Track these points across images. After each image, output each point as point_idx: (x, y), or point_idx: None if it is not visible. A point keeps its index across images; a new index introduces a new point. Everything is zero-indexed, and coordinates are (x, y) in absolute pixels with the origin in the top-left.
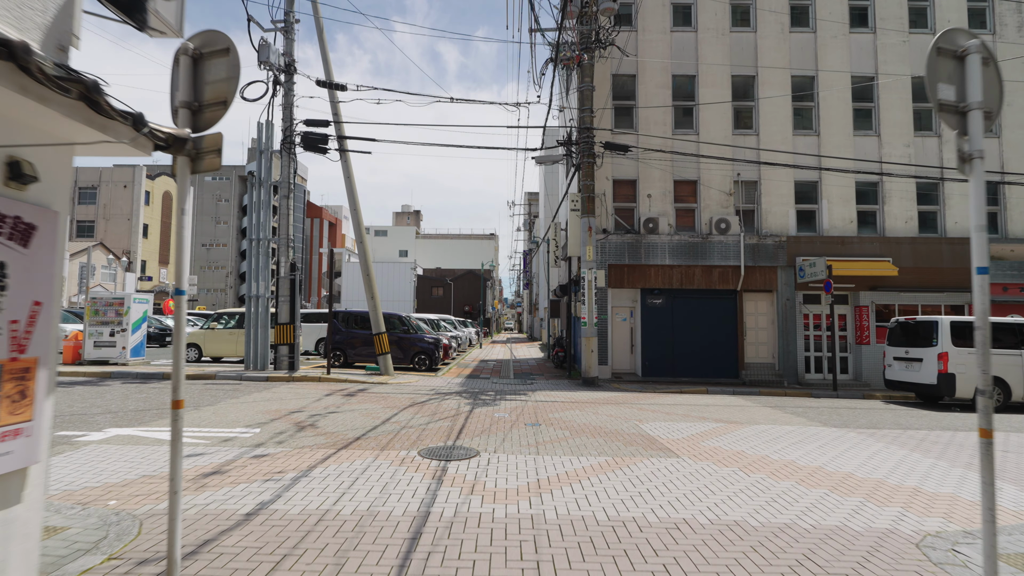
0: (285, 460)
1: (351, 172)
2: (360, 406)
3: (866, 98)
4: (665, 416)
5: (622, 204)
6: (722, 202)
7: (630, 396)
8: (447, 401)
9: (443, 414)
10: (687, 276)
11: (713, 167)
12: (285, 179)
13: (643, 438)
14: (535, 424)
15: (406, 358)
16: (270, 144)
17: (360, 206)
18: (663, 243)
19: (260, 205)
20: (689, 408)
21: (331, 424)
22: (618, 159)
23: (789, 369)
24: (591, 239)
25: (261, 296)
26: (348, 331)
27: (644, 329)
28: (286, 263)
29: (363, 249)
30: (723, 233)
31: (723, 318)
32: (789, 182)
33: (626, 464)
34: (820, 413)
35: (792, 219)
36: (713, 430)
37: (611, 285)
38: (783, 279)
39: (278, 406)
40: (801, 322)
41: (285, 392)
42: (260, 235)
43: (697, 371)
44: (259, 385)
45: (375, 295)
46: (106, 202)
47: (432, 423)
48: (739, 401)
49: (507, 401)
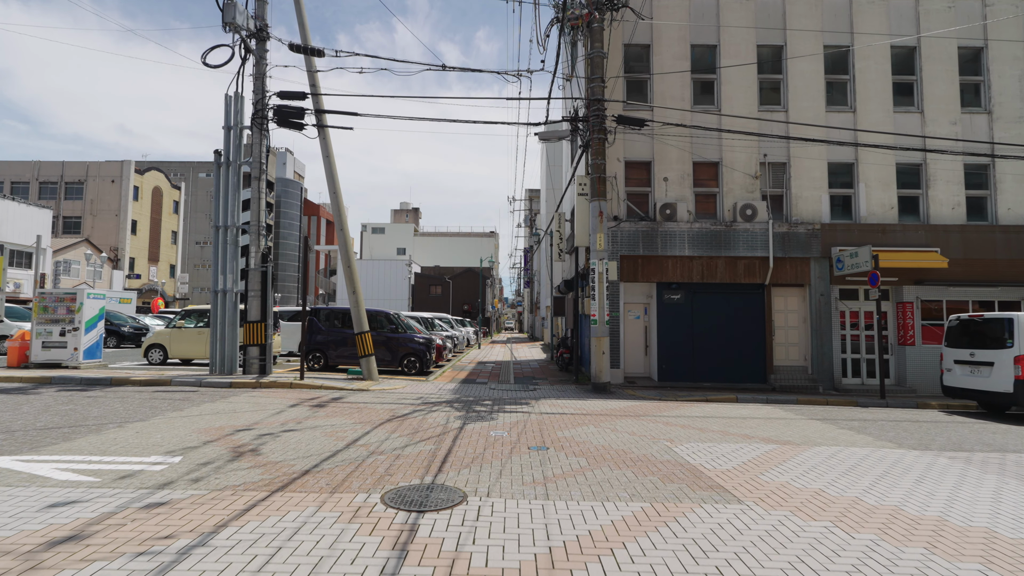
0: (188, 512)
1: (331, 151)
2: (327, 421)
3: (907, 70)
4: (699, 434)
5: (635, 189)
6: (747, 186)
7: (649, 406)
8: (434, 414)
9: (427, 432)
10: (708, 268)
11: (737, 147)
12: (256, 158)
13: (683, 468)
14: (541, 448)
15: (394, 360)
16: (240, 119)
17: (340, 188)
18: (682, 231)
19: (228, 188)
20: (724, 423)
21: (279, 449)
22: (631, 139)
23: (824, 373)
24: (602, 225)
25: (229, 291)
26: (330, 330)
27: (660, 328)
28: (257, 253)
29: (343, 238)
30: (749, 220)
31: (749, 315)
32: (822, 164)
33: (673, 515)
34: (882, 429)
35: (825, 205)
36: (766, 455)
37: (623, 279)
38: (816, 272)
39: (225, 422)
40: (837, 320)
41: (244, 402)
42: (228, 222)
43: (720, 375)
44: (218, 393)
45: (357, 289)
46: (93, 197)
47: (411, 446)
48: (778, 412)
49: (506, 414)
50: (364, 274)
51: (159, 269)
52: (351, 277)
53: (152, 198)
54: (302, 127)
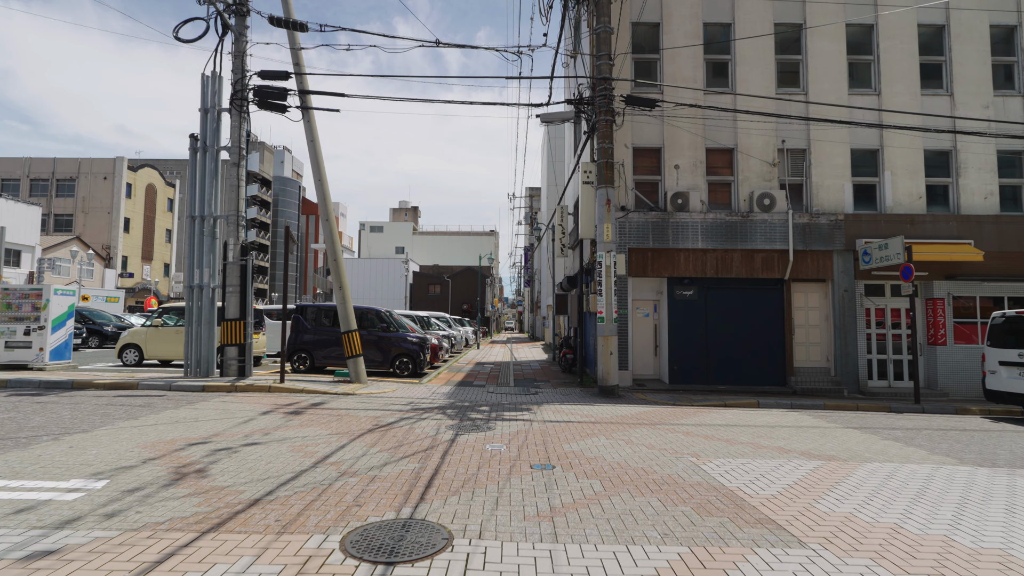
0: (75, 570)
1: (316, 135)
2: (298, 432)
3: (936, 50)
4: (727, 447)
5: (644, 177)
6: (764, 174)
7: (664, 412)
8: (424, 422)
9: (412, 446)
10: (723, 262)
11: (753, 132)
12: (236, 143)
13: (719, 494)
14: (546, 466)
15: (385, 361)
16: (218, 100)
17: (327, 175)
18: (694, 222)
19: (205, 175)
20: (752, 433)
21: (232, 469)
22: (640, 123)
23: (848, 375)
24: (609, 215)
25: (205, 286)
26: (316, 329)
27: (672, 326)
28: (236, 245)
29: (329, 228)
30: (766, 211)
31: (767, 313)
32: (844, 150)
33: (722, 566)
34: (930, 440)
35: (848, 194)
36: (813, 475)
37: (631, 273)
38: (840, 266)
39: (180, 433)
40: (862, 318)
41: (211, 409)
42: (205, 211)
43: (736, 377)
44: (186, 398)
45: (344, 284)
46: (85, 195)
47: (391, 464)
48: (808, 420)
49: (505, 422)
50: (359, 273)
51: (153, 268)
52: (337, 271)
53: (146, 195)
54: (285, 109)
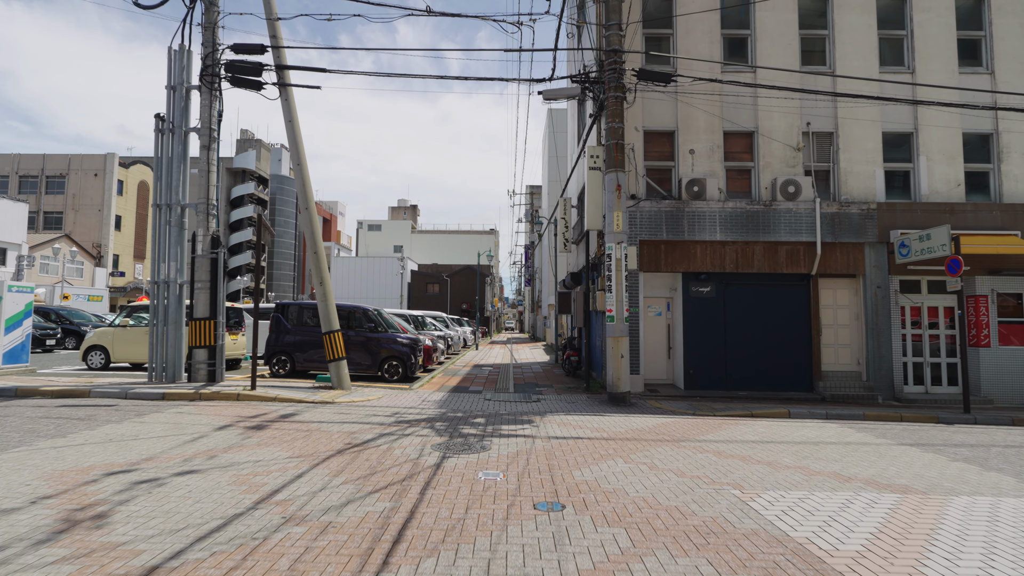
0: None
1: (294, 114)
2: (251, 455)
3: (974, 24)
4: (771, 473)
5: (656, 163)
6: (787, 159)
7: (685, 425)
8: (406, 440)
9: (386, 475)
10: (744, 256)
11: (775, 114)
12: (206, 123)
13: (785, 550)
14: (554, 506)
15: (374, 364)
16: (186, 77)
17: (306, 159)
18: (712, 212)
19: (172, 159)
20: (795, 452)
21: (143, 513)
22: (651, 103)
23: (882, 380)
24: (619, 202)
25: (172, 282)
26: (298, 329)
27: (687, 326)
28: (206, 237)
29: (309, 218)
30: (791, 199)
31: (792, 311)
32: (875, 133)
33: None
34: (1007, 460)
35: (879, 181)
36: (894, 515)
37: (642, 268)
38: (872, 259)
39: (104, 457)
40: (897, 317)
41: (161, 422)
42: (171, 199)
43: (758, 382)
44: (138, 408)
45: (325, 280)
46: (75, 192)
47: (353, 504)
48: (852, 434)
49: (503, 438)
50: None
51: (145, 266)
52: (318, 265)
53: (138, 193)
54: (260, 86)
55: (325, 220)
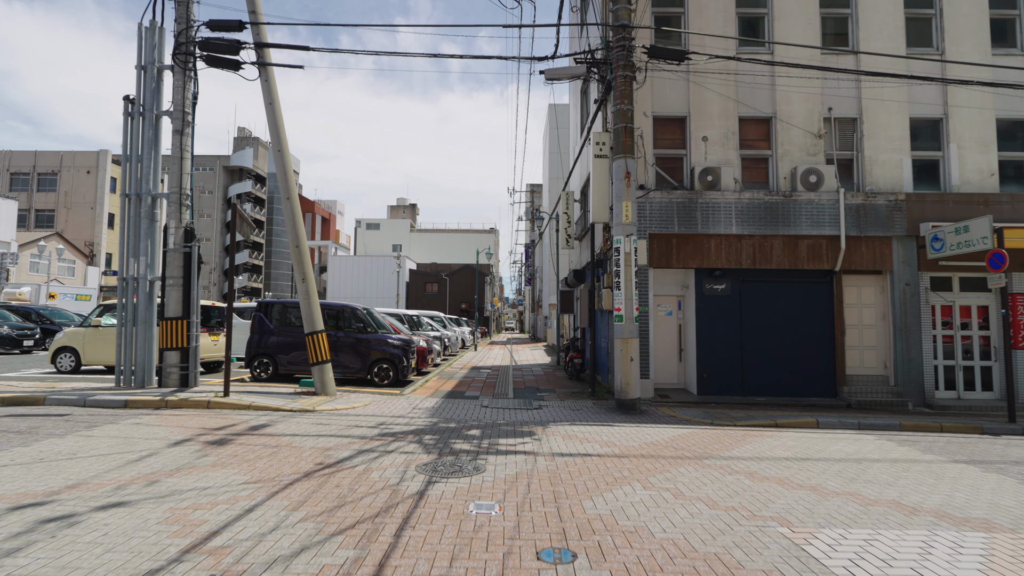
0: None
1: (275, 96)
2: (199, 481)
3: (1007, 2)
4: (819, 501)
5: (666, 151)
6: (808, 147)
7: (705, 437)
8: (388, 459)
9: (356, 508)
10: (762, 250)
11: (795, 98)
12: (179, 106)
13: None
14: (562, 553)
15: (363, 367)
16: (158, 55)
17: (287, 143)
18: (727, 203)
19: (142, 145)
20: (837, 472)
21: (25, 574)
22: (661, 86)
23: (912, 385)
24: (629, 191)
25: (142, 279)
26: (282, 330)
27: (700, 326)
28: (179, 229)
29: (291, 208)
30: (812, 189)
31: (814, 310)
32: (902, 119)
33: None
34: None
35: (907, 170)
36: (992, 562)
37: (652, 264)
38: (900, 254)
39: (22, 484)
40: (927, 316)
41: (108, 438)
42: (141, 189)
43: (776, 387)
44: (91, 419)
45: (307, 276)
46: (67, 189)
47: (308, 552)
48: (895, 448)
49: (500, 456)
50: (352, 271)
51: None
52: (300, 260)
53: None
54: (238, 66)
55: (324, 219)
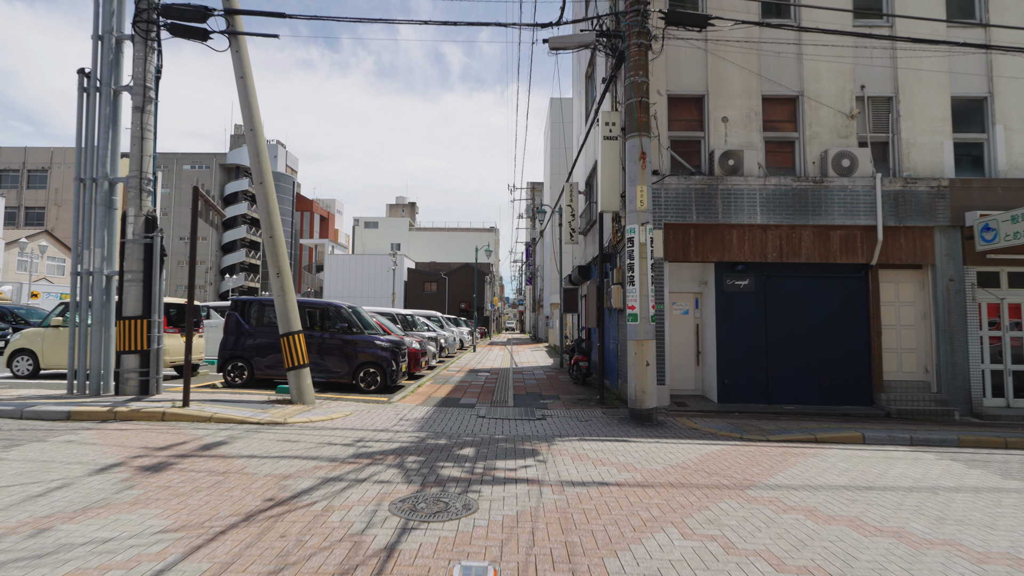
0: None
1: (247, 68)
2: (107, 525)
3: None
4: (917, 558)
5: (681, 134)
6: (839, 128)
7: (739, 456)
8: (354, 493)
9: (301, 570)
10: (789, 242)
11: (824, 75)
12: (140, 80)
13: None
14: None
15: (349, 371)
16: (117, 23)
17: (261, 122)
18: (751, 190)
19: (98, 122)
20: (913, 508)
21: None
22: (677, 60)
23: (957, 391)
24: (644, 173)
25: (98, 273)
26: (259, 330)
27: (721, 327)
28: (138, 217)
29: (264, 193)
30: (845, 174)
31: (846, 309)
32: (943, 98)
33: None
34: None
35: (948, 154)
36: None
37: (667, 257)
38: (943, 246)
39: None
40: (973, 315)
41: (25, 461)
42: (97, 172)
43: (806, 394)
44: (20, 434)
45: (282, 270)
46: (58, 186)
47: None
48: (966, 472)
49: (497, 486)
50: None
51: None
52: (274, 251)
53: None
54: (206, 35)
55: (322, 218)
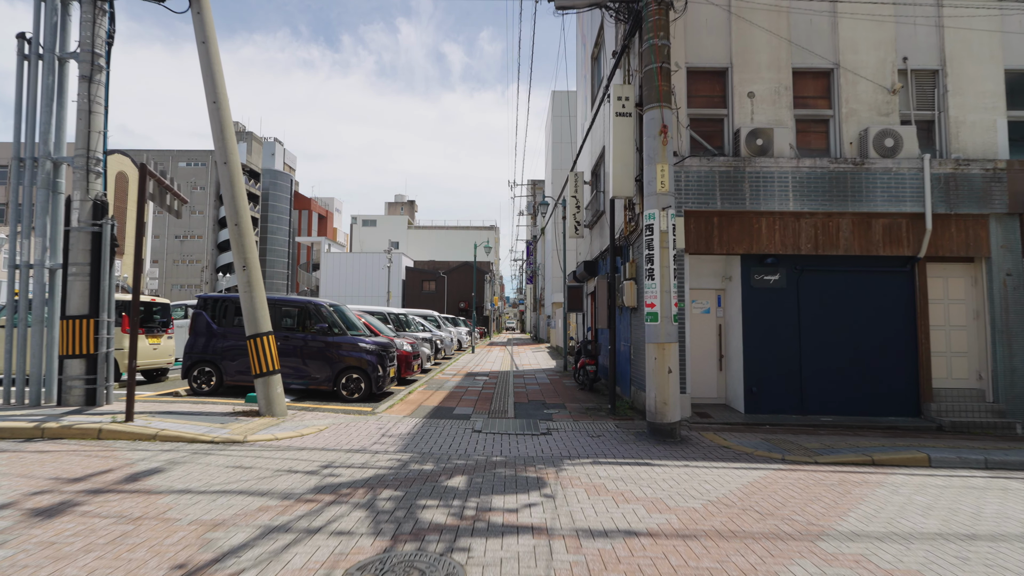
0: None
1: (209, 33)
2: None
3: None
4: None
5: (702, 111)
6: (879, 105)
7: (788, 485)
8: (299, 554)
9: None
10: (825, 232)
11: (862, 46)
12: (87, 46)
13: None
14: None
15: (331, 377)
16: None
17: (226, 95)
18: (782, 173)
19: (40, 94)
20: None
21: None
22: (697, 31)
23: (1017, 401)
24: (665, 150)
25: (37, 265)
26: (229, 331)
27: (748, 327)
28: (84, 202)
29: (230, 175)
30: (889, 155)
31: (890, 307)
32: (995, 70)
33: None
34: None
35: (1002, 134)
36: None
37: (688, 249)
38: (999, 236)
39: None
40: None
41: None
42: (39, 151)
43: (845, 403)
44: None
45: (249, 263)
46: None
47: None
48: None
49: (491, 540)
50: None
51: (123, 263)
52: (240, 242)
53: (116, 185)
54: None
55: (320, 216)
